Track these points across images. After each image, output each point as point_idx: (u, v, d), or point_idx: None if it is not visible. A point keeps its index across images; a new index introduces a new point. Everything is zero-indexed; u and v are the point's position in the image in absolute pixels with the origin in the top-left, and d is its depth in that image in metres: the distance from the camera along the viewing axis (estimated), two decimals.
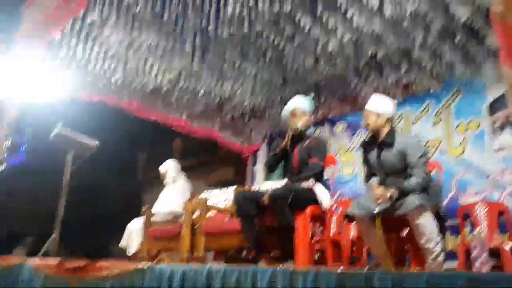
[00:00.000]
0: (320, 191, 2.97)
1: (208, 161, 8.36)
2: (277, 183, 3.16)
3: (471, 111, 4.44)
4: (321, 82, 5.36)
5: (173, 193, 4.61)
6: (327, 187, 3.09)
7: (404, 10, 3.79)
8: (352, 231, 4.20)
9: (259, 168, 6.31)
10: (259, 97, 5.63)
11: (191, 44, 4.69)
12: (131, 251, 4.36)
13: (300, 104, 3.16)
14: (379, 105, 2.79)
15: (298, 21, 4.12)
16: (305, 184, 2.94)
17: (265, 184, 3.85)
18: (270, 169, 3.31)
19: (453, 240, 3.99)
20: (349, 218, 2.69)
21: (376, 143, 2.77)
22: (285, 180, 3.13)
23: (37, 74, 4.59)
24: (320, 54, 4.59)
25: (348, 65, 4.82)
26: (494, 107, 4.22)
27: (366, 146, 2.87)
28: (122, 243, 4.49)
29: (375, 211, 2.47)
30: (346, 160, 5.44)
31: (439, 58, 4.41)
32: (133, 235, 4.35)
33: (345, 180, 5.33)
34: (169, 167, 4.79)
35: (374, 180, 2.66)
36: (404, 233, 2.78)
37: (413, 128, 4.85)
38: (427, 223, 2.40)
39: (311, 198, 2.90)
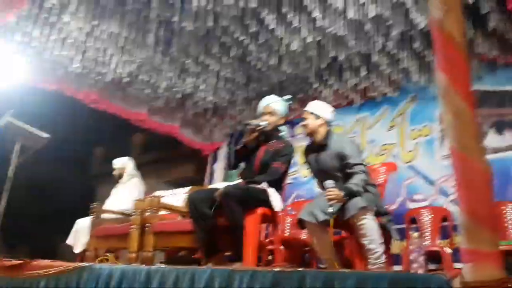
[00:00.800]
0: (273, 193, 2.95)
1: (169, 158, 8.25)
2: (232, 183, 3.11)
3: (424, 118, 4.59)
4: (284, 82, 5.38)
5: (126, 192, 4.50)
6: (281, 190, 3.06)
7: (366, 14, 3.87)
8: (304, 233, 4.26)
9: (219, 167, 6.26)
10: (222, 95, 5.58)
11: (153, 36, 4.60)
12: (77, 249, 4.21)
13: (273, 103, 3.07)
14: (319, 108, 2.90)
15: (263, 19, 4.12)
16: (258, 186, 2.91)
17: (222, 184, 3.81)
18: (232, 165, 3.22)
19: (399, 244, 4.10)
20: (301, 223, 2.71)
21: (314, 146, 2.89)
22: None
23: None
24: (284, 53, 4.61)
25: (310, 66, 4.86)
26: None
27: (307, 150, 2.98)
28: (69, 240, 4.33)
29: (331, 210, 2.49)
30: (304, 162, 5.47)
31: (397, 64, 4.52)
32: (80, 233, 4.20)
33: (302, 182, 5.37)
34: (125, 164, 4.67)
35: (329, 183, 2.68)
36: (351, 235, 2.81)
37: (369, 132, 4.96)
38: (369, 224, 2.46)
39: (263, 199, 2.86)
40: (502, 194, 3.70)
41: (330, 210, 2.48)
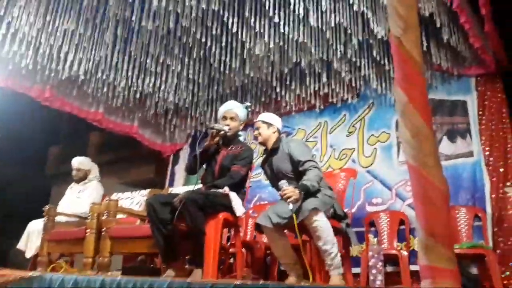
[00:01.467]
0: (234, 197, 2.92)
1: (128, 158, 8.00)
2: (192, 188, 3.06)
3: (382, 124, 4.72)
4: (246, 85, 5.37)
5: (86, 194, 4.32)
6: (243, 193, 3.05)
7: (327, 22, 3.93)
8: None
9: (180, 169, 6.16)
10: (184, 96, 5.49)
11: (111, 34, 4.45)
12: (29, 253, 3.99)
13: (234, 108, 3.07)
14: (270, 118, 3.03)
15: (226, 21, 4.08)
16: (220, 190, 2.88)
17: (182, 188, 3.73)
18: (189, 171, 3.17)
19: (359, 247, 4.20)
20: (259, 228, 2.71)
21: (267, 153, 2.99)
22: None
23: None
24: (247, 56, 4.60)
25: (273, 70, 4.88)
26: None
27: (263, 161, 3.05)
28: (20, 245, 4.09)
29: (291, 207, 2.49)
30: (262, 171, 5.49)
31: (357, 70, 4.63)
32: (32, 236, 3.98)
33: (265, 185, 5.38)
34: (91, 167, 4.49)
35: (283, 182, 2.69)
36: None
37: (329, 137, 5.05)
38: (321, 225, 2.47)
39: (225, 204, 2.84)
40: (454, 199, 3.87)
41: (290, 207, 2.49)
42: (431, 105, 4.23)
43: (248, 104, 3.18)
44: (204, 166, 3.10)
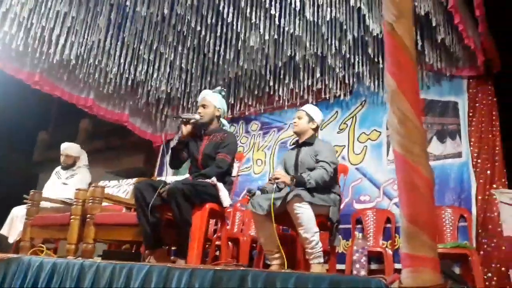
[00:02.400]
0: (222, 188, 2.90)
1: (118, 146, 7.94)
2: (182, 178, 3.03)
3: (373, 122, 4.72)
4: (240, 77, 5.34)
5: (72, 181, 4.27)
6: (230, 183, 3.04)
7: (323, 16, 3.91)
8: (253, 229, 4.26)
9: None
10: (176, 85, 5.44)
11: (105, 18, 4.39)
12: (12, 239, 3.93)
13: (206, 96, 3.07)
14: (315, 113, 3.02)
15: (222, 10, 4.04)
16: (207, 180, 2.85)
17: (171, 178, 3.70)
18: (171, 165, 3.14)
19: (344, 243, 4.21)
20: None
21: (298, 144, 3.01)
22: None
23: None
24: (241, 48, 4.56)
25: (267, 63, 4.85)
26: None
27: (292, 148, 3.09)
28: (3, 230, 4.04)
29: (272, 194, 2.54)
30: (257, 158, 5.49)
31: (351, 67, 4.62)
32: (16, 221, 3.93)
33: (254, 178, 5.38)
34: (80, 153, 4.43)
35: (279, 167, 2.77)
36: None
37: (321, 133, 5.03)
38: (303, 211, 2.49)
39: (212, 194, 2.82)
40: (441, 199, 3.89)
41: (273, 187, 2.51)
42: (423, 104, 4.26)
43: (219, 88, 3.16)
44: (187, 157, 3.09)
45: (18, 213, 3.98)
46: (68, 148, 4.42)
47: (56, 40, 4.40)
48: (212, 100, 3.05)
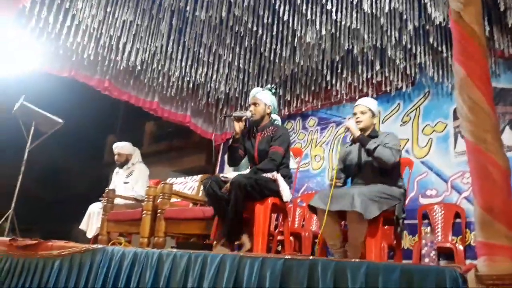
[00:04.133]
0: (282, 183, 2.94)
1: (181, 147, 8.29)
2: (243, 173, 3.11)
3: (438, 114, 4.52)
4: (296, 74, 5.36)
5: (131, 178, 4.52)
6: (289, 175, 3.07)
7: (382, 8, 3.82)
8: (314, 225, 4.26)
9: None
10: (234, 85, 5.58)
11: (167, 24, 4.62)
12: (90, 233, 4.26)
13: (256, 94, 3.12)
14: (375, 107, 2.98)
15: (278, 9, 4.09)
16: (268, 175, 2.91)
17: (232, 174, 3.81)
18: (229, 162, 3.23)
19: (410, 239, 4.08)
20: (312, 209, 2.72)
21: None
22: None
23: (4, 43, 4.40)
24: (297, 45, 4.58)
25: (324, 58, 4.82)
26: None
27: (350, 144, 3.03)
28: (82, 225, 4.38)
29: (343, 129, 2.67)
30: (315, 155, 5.47)
31: (413, 58, 4.46)
32: (93, 217, 4.25)
33: (313, 174, 5.36)
34: (133, 151, 4.68)
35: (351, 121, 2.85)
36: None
37: (382, 127, 4.91)
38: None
39: (273, 189, 2.87)
40: None
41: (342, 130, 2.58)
42: (494, 93, 4.01)
43: (269, 86, 3.19)
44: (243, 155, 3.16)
45: (94, 210, 4.29)
46: (119, 147, 4.64)
47: (122, 47, 4.69)
48: (262, 98, 3.09)
